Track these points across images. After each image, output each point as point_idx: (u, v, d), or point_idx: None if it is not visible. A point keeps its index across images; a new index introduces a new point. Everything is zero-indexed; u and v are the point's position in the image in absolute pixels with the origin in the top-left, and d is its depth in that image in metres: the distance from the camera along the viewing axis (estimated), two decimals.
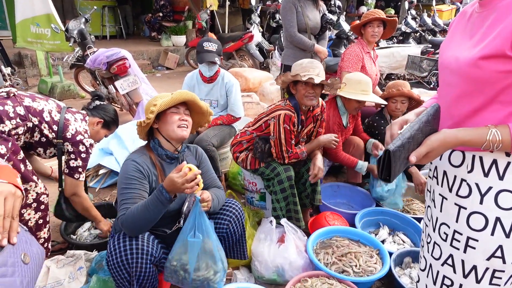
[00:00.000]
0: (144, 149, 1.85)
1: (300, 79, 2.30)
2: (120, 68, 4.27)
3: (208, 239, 1.67)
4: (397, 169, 0.99)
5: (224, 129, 3.10)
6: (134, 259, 1.61)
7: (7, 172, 1.03)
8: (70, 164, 2.16)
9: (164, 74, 8.61)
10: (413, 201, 2.97)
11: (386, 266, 2.12)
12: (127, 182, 1.69)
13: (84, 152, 2.19)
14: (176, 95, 1.74)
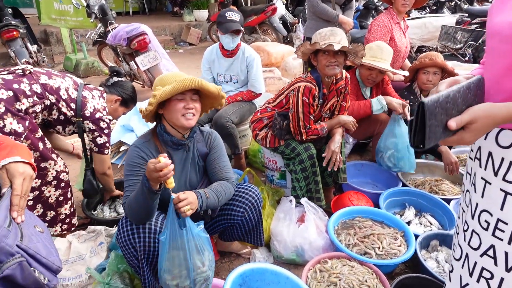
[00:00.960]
0: (150, 134, 1.76)
1: (319, 47, 2.17)
2: (140, 43, 4.22)
3: (180, 240, 1.48)
4: (432, 134, 0.83)
5: (244, 105, 3.02)
6: (142, 238, 1.61)
7: (25, 152, 1.10)
8: (98, 142, 2.17)
9: (187, 50, 8.53)
10: (442, 181, 2.81)
11: (411, 249, 2.02)
12: (129, 169, 1.66)
13: (106, 128, 2.21)
14: (178, 84, 1.56)
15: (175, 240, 1.47)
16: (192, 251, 1.49)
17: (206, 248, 1.53)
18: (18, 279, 0.93)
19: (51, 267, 1.01)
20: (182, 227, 1.47)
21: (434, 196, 2.54)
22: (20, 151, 1.08)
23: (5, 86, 1.84)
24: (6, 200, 0.98)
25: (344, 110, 2.55)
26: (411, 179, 2.95)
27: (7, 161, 1.02)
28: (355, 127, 2.50)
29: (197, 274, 1.52)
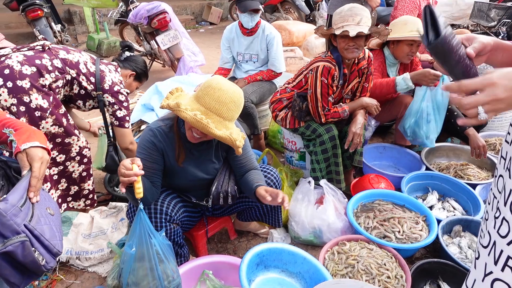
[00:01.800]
0: (172, 119, 1.69)
1: (333, 32, 2.08)
2: (160, 22, 4.20)
3: (146, 251, 1.42)
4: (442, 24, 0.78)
5: (264, 85, 2.97)
6: (152, 218, 1.63)
7: (42, 137, 1.16)
8: (118, 115, 2.19)
9: (208, 29, 8.45)
10: (468, 165, 2.71)
11: (433, 233, 1.97)
12: (139, 150, 1.65)
13: (125, 101, 2.22)
14: (195, 121, 1.41)
15: (143, 251, 1.42)
16: (161, 260, 1.45)
17: (171, 256, 1.52)
18: (19, 256, 1.00)
19: (52, 249, 1.08)
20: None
21: (459, 180, 2.45)
22: (38, 136, 1.14)
23: (28, 62, 1.86)
24: (25, 181, 1.05)
25: (366, 91, 2.46)
26: (435, 163, 2.86)
27: (28, 145, 1.09)
28: (378, 110, 2.41)
29: (169, 283, 1.49)
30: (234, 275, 1.76)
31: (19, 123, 1.17)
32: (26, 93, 1.81)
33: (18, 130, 1.13)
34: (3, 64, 1.83)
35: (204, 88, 1.50)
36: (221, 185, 1.80)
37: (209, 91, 1.48)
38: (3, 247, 0.96)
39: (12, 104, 1.79)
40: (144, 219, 1.42)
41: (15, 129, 1.12)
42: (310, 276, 1.79)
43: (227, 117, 1.50)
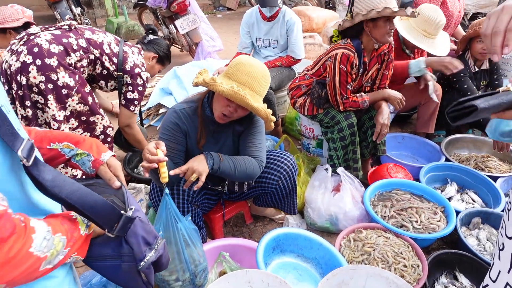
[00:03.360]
0: (196, 103, 1.70)
1: (390, 13, 1.98)
2: (180, 6, 4.19)
3: (172, 236, 1.45)
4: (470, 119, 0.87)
5: (283, 71, 2.95)
6: (175, 200, 1.66)
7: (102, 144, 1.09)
8: (127, 96, 2.21)
9: (225, 15, 8.40)
10: (490, 157, 2.66)
11: (451, 224, 1.95)
12: (162, 132, 1.66)
13: (141, 86, 2.23)
14: (232, 93, 1.43)
15: (169, 236, 1.44)
16: (187, 244, 1.47)
17: (198, 240, 1.52)
18: (164, 258, 0.99)
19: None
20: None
21: (479, 172, 2.41)
22: (100, 143, 1.08)
23: (55, 40, 1.90)
24: (127, 192, 1.00)
25: (386, 79, 2.42)
26: (455, 154, 2.81)
27: (108, 156, 1.04)
28: (402, 105, 2.33)
29: (196, 266, 1.51)
30: (250, 258, 1.79)
31: (65, 134, 1.04)
32: (53, 71, 1.85)
33: (78, 144, 1.02)
34: (32, 42, 1.87)
35: (234, 65, 1.52)
36: None
37: (240, 67, 1.51)
38: (157, 252, 0.95)
39: (41, 81, 1.84)
40: (170, 204, 1.42)
41: (73, 143, 1.02)
42: (326, 262, 1.80)
43: (258, 91, 1.53)
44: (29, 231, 0.64)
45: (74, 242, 0.77)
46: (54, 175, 0.76)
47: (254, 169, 1.66)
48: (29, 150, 0.72)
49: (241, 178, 1.67)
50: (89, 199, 0.80)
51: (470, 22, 5.57)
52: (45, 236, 0.68)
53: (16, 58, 1.85)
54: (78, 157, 1.01)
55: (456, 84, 2.78)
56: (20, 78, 1.85)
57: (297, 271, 1.84)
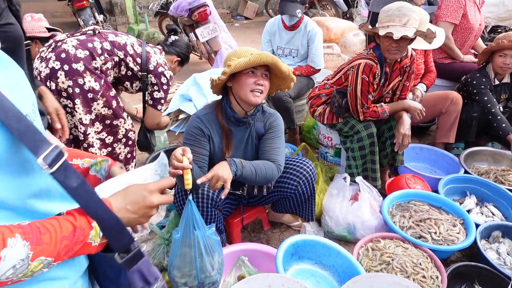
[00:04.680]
0: (214, 106, 1.77)
1: (377, 34, 2.07)
2: (201, 15, 4.29)
3: (189, 241, 1.46)
4: None
5: (302, 80, 2.99)
6: (199, 203, 1.70)
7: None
8: (154, 96, 2.28)
9: (243, 24, 8.51)
10: (510, 171, 2.63)
11: (471, 237, 1.94)
12: (187, 137, 1.72)
13: (166, 84, 2.29)
14: (254, 58, 1.54)
15: (188, 238, 1.46)
16: (201, 254, 1.48)
17: (216, 251, 1.52)
18: None
19: None
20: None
21: (499, 186, 2.39)
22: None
23: (81, 46, 1.98)
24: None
25: (406, 90, 2.43)
26: (474, 167, 2.80)
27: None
28: (422, 116, 2.33)
29: (206, 277, 1.51)
30: (268, 264, 1.82)
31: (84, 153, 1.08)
32: (80, 76, 1.93)
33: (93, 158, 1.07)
34: (59, 48, 1.96)
35: (232, 55, 1.65)
36: None
37: (235, 53, 1.64)
38: None
39: (69, 86, 1.91)
40: (191, 210, 1.43)
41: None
42: (344, 270, 1.81)
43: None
44: None
45: (70, 255, 0.76)
46: (79, 183, 0.77)
47: (273, 173, 1.71)
48: (56, 156, 0.73)
49: (261, 183, 1.72)
50: (106, 215, 0.80)
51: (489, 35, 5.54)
52: (15, 264, 0.66)
53: (46, 65, 1.94)
54: (97, 166, 1.06)
55: (476, 96, 2.77)
56: (50, 83, 1.93)
57: (314, 278, 1.86)
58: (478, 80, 2.76)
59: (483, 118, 2.78)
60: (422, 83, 2.78)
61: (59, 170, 0.73)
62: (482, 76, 2.77)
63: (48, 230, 0.71)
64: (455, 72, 3.20)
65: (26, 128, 0.67)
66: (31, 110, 0.75)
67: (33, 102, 0.79)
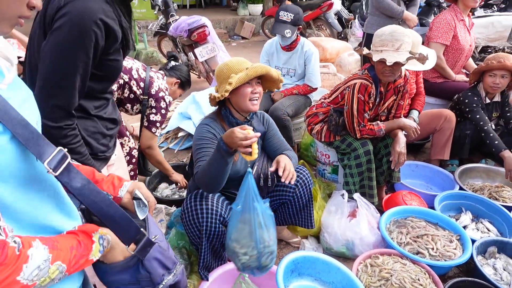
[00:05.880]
0: (216, 116, 1.88)
1: (371, 57, 2.15)
2: (200, 35, 4.39)
3: (248, 213, 1.55)
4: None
5: (299, 99, 3.06)
6: (205, 218, 1.72)
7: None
8: (150, 118, 2.33)
9: (240, 43, 8.68)
10: (504, 187, 2.68)
11: (467, 253, 1.98)
12: (200, 142, 1.77)
13: (164, 109, 2.35)
14: (251, 72, 1.70)
15: (246, 213, 1.55)
16: (260, 225, 1.56)
17: (271, 224, 1.60)
18: (182, 283, 1.04)
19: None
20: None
21: (494, 202, 2.44)
22: (119, 180, 1.13)
23: None
24: (151, 217, 1.07)
25: (401, 109, 2.51)
26: (468, 183, 2.85)
27: (124, 191, 1.09)
28: (417, 133, 2.41)
29: (264, 247, 1.58)
30: (268, 280, 1.83)
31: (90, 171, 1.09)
32: None
33: (98, 183, 1.08)
34: None
35: (225, 70, 1.75)
36: (260, 168, 1.96)
37: (228, 67, 1.74)
38: (175, 276, 1.00)
39: None
40: (251, 183, 1.54)
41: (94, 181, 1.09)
42: (343, 286, 1.83)
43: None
44: (22, 260, 0.66)
45: (76, 269, 0.79)
46: (84, 183, 0.81)
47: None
48: (61, 159, 0.77)
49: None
50: (110, 210, 0.85)
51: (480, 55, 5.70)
52: (40, 265, 0.69)
53: None
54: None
55: (469, 114, 2.85)
56: None
57: None
58: (470, 99, 2.85)
59: (476, 136, 2.85)
60: (415, 110, 2.86)
61: (63, 172, 0.77)
62: (473, 95, 2.86)
63: (58, 241, 0.76)
64: (448, 91, 3.30)
65: (30, 134, 0.72)
66: (35, 126, 0.79)
67: (37, 120, 0.83)
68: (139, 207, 1.06)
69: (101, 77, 1.27)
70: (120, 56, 1.30)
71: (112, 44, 1.21)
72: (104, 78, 1.29)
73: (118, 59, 1.29)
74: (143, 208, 1.06)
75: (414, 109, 2.88)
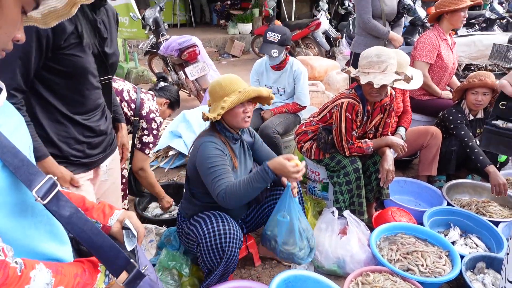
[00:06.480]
0: (213, 131, 1.91)
1: (359, 80, 2.20)
2: (190, 54, 4.45)
3: (294, 220, 1.88)
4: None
5: (289, 117, 3.10)
6: (228, 243, 1.76)
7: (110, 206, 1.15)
8: (143, 140, 2.33)
9: (230, 61, 8.79)
10: (490, 203, 2.73)
11: (457, 269, 2.00)
12: (212, 161, 1.77)
13: (156, 129, 2.36)
14: (243, 96, 1.77)
15: (292, 221, 1.89)
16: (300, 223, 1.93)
17: (303, 215, 2.02)
18: None
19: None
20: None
21: (481, 217, 2.48)
22: (110, 208, 1.13)
23: None
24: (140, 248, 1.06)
25: (388, 126, 2.56)
26: (456, 199, 2.89)
27: (115, 219, 1.09)
28: (404, 151, 2.47)
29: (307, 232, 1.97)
30: None
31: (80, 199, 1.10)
32: None
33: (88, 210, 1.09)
34: None
35: (218, 89, 1.82)
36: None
37: (221, 86, 1.81)
38: None
39: None
40: (291, 196, 1.88)
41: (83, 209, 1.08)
42: None
43: (244, 85, 1.87)
44: (24, 281, 0.66)
45: None
46: (72, 212, 0.80)
47: None
48: (50, 187, 0.77)
49: None
50: (99, 239, 0.83)
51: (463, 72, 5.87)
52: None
53: None
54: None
55: (454, 131, 2.92)
56: None
57: None
58: (454, 115, 2.92)
59: (461, 152, 2.92)
60: (402, 127, 2.93)
61: (51, 201, 0.77)
62: (457, 112, 2.93)
63: (63, 266, 0.76)
64: (433, 108, 3.38)
65: (21, 162, 0.72)
66: (27, 153, 0.80)
67: (29, 146, 0.84)
68: (128, 237, 1.05)
69: (63, 73, 1.33)
70: (82, 52, 1.35)
71: (60, 36, 1.26)
72: (67, 74, 1.35)
73: (79, 55, 1.34)
74: (132, 239, 1.05)
75: (401, 126, 2.95)
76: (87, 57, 1.38)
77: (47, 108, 1.38)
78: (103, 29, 1.48)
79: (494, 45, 5.30)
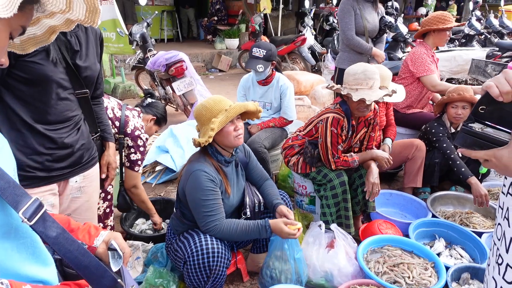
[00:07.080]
0: (204, 156, 1.90)
1: (351, 98, 2.24)
2: (177, 70, 4.47)
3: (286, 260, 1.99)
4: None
5: (276, 131, 3.14)
6: (216, 262, 1.75)
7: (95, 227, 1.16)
8: (131, 158, 2.32)
9: (217, 76, 8.85)
10: (473, 214, 2.79)
11: (442, 280, 2.02)
12: (205, 193, 1.78)
13: (142, 146, 2.36)
14: (231, 113, 1.78)
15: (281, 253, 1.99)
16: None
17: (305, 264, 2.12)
18: None
19: None
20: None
21: (465, 228, 2.52)
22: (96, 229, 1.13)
23: None
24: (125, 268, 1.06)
25: (373, 140, 2.62)
26: (440, 210, 2.94)
27: (100, 240, 1.09)
28: (389, 164, 2.52)
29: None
30: None
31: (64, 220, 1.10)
32: None
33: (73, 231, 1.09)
34: None
35: (203, 112, 1.84)
36: (252, 196, 2.05)
37: (206, 108, 1.83)
38: None
39: None
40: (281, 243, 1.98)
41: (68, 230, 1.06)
42: None
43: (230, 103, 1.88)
44: None
45: None
46: (59, 232, 0.80)
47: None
48: (36, 209, 0.77)
49: None
50: (84, 259, 0.83)
51: None
52: None
53: None
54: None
55: (436, 144, 2.99)
56: None
57: None
58: (436, 129, 3.00)
59: (444, 164, 2.98)
60: (389, 138, 3.00)
61: (38, 222, 0.77)
62: (439, 125, 3.02)
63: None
64: (416, 121, 3.46)
65: (7, 184, 0.73)
66: (12, 174, 0.80)
67: (14, 167, 0.84)
68: (113, 258, 1.05)
69: (26, 80, 1.34)
70: (44, 60, 1.36)
71: None
72: (30, 81, 1.36)
73: (40, 63, 1.35)
74: (117, 260, 1.04)
75: (387, 138, 3.00)
76: (49, 66, 1.39)
77: (8, 115, 1.39)
78: (75, 41, 1.49)
79: (473, 60, 5.49)
